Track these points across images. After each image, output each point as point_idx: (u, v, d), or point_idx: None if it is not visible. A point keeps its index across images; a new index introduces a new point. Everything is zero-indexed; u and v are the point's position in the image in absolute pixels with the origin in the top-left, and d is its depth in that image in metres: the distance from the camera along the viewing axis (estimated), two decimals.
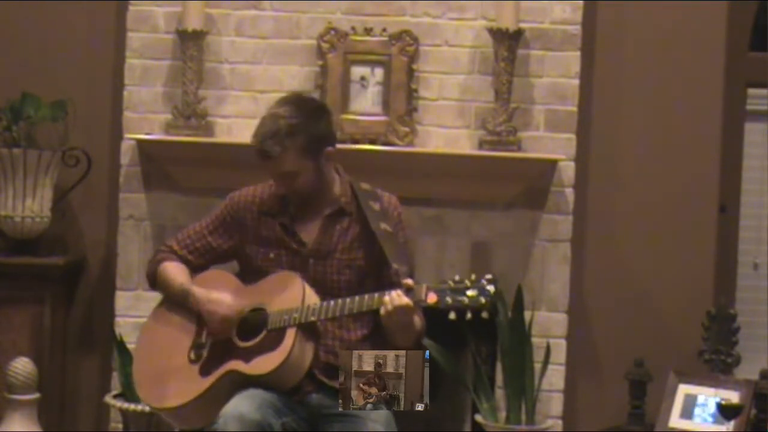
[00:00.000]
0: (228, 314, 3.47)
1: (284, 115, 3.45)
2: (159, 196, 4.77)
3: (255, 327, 3.45)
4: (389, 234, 3.49)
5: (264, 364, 3.37)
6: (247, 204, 3.60)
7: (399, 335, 3.38)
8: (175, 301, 3.60)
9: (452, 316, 3.28)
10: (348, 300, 3.38)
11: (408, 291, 3.31)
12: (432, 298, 3.29)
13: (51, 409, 4.78)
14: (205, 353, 3.50)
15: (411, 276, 3.43)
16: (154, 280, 3.66)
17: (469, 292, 3.27)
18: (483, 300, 3.26)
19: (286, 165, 3.45)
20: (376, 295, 3.35)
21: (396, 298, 3.30)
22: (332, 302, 3.40)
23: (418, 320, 3.44)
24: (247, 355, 3.41)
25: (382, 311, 3.32)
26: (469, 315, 3.28)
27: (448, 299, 3.28)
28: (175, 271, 3.61)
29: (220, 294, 3.50)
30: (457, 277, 3.31)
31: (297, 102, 3.55)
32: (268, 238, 3.55)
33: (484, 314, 3.29)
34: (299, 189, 3.49)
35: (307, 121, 3.46)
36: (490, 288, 3.27)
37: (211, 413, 3.36)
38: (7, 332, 4.74)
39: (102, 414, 4.86)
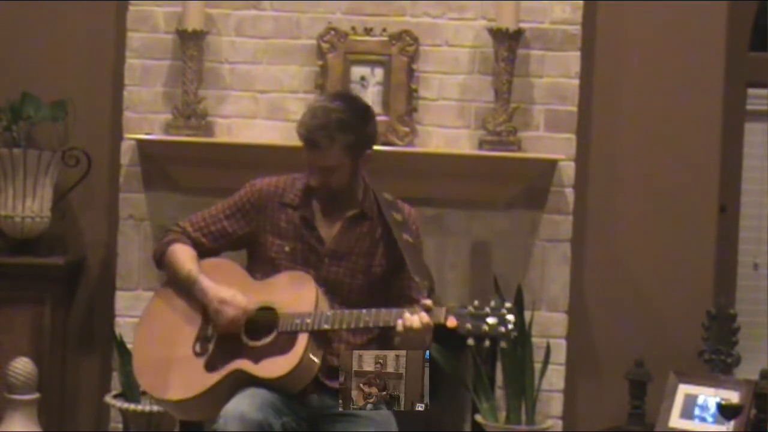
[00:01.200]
0: (237, 317, 3.42)
1: (337, 109, 3.43)
2: (159, 196, 4.77)
3: (263, 326, 3.40)
4: (412, 246, 3.47)
5: (274, 367, 3.34)
6: (270, 193, 3.56)
7: (408, 349, 3.35)
8: (181, 287, 3.54)
9: (470, 342, 3.27)
10: (364, 312, 3.35)
11: (427, 311, 3.30)
12: (452, 323, 3.27)
13: (51, 409, 4.78)
14: (211, 347, 3.45)
15: (432, 292, 3.42)
16: (161, 260, 3.60)
17: (490, 320, 3.26)
18: (503, 330, 3.25)
19: (330, 159, 3.42)
20: (394, 311, 3.33)
21: (416, 317, 3.28)
22: (347, 312, 3.36)
23: (427, 337, 3.42)
24: (256, 356, 3.37)
25: (399, 324, 3.29)
26: (487, 343, 3.27)
27: (468, 325, 3.26)
28: (184, 256, 3.54)
29: (232, 293, 3.44)
30: (476, 303, 3.30)
31: (349, 99, 3.55)
32: (287, 230, 3.52)
33: (504, 344, 3.30)
34: (333, 185, 3.47)
35: (357, 120, 3.46)
36: (510, 317, 3.26)
37: (213, 409, 3.34)
38: (7, 332, 4.74)
39: (102, 414, 4.86)
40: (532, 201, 4.77)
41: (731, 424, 4.42)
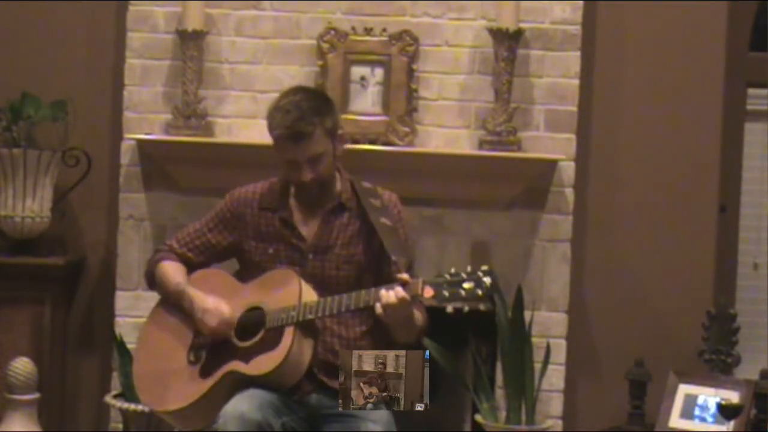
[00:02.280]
0: (220, 327, 3.46)
1: (304, 99, 3.49)
2: (159, 196, 4.77)
3: (253, 326, 3.44)
4: (389, 228, 3.49)
5: (263, 363, 3.37)
6: (248, 200, 3.60)
7: (399, 331, 3.38)
8: (171, 302, 3.60)
9: (450, 309, 3.27)
10: (345, 296, 3.38)
11: (404, 285, 3.30)
12: (429, 293, 3.27)
13: (51, 409, 4.78)
14: (204, 354, 3.50)
15: (410, 269, 3.44)
16: (152, 280, 3.67)
17: (466, 285, 3.25)
18: (480, 292, 3.24)
19: (317, 145, 3.45)
20: (373, 290, 3.35)
21: (392, 293, 3.30)
22: (329, 299, 3.39)
23: (418, 315, 3.44)
24: (247, 355, 3.41)
25: (378, 307, 3.31)
26: (466, 308, 3.26)
27: (445, 293, 3.26)
28: (171, 271, 3.61)
29: (216, 301, 3.48)
30: (453, 270, 3.29)
31: (306, 89, 3.64)
32: (268, 233, 3.56)
33: (482, 306, 3.28)
34: (323, 174, 3.49)
35: (325, 104, 3.52)
36: (487, 279, 3.24)
37: (212, 413, 3.37)
38: (7, 332, 4.74)
39: (102, 414, 4.86)
40: (532, 201, 4.77)
41: (731, 424, 4.42)
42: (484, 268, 3.28)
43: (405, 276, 3.33)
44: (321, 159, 3.47)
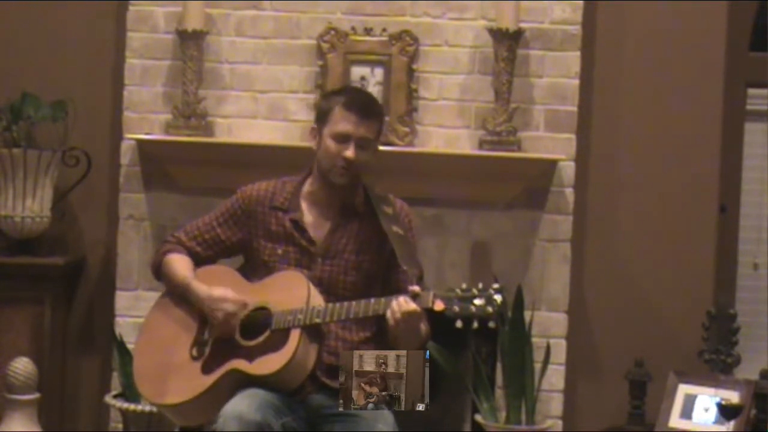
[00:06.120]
0: (232, 312, 3.44)
1: (373, 96, 3.73)
2: (159, 196, 4.77)
3: (258, 326, 3.43)
4: (401, 237, 3.48)
5: (267, 364, 3.36)
6: (259, 198, 3.59)
7: (404, 341, 3.36)
8: (177, 294, 3.58)
9: (459, 324, 3.27)
10: (354, 303, 3.37)
11: (415, 297, 3.30)
12: (439, 306, 3.28)
13: (51, 409, 4.78)
14: (207, 350, 3.48)
15: (420, 280, 3.43)
16: (158, 272, 3.65)
17: (477, 301, 3.26)
18: (490, 309, 3.26)
19: (373, 132, 3.51)
20: (383, 299, 3.34)
21: (403, 304, 3.29)
22: (338, 305, 3.38)
23: (423, 327, 3.43)
24: (250, 355, 3.40)
25: (389, 317, 3.30)
26: (475, 324, 3.27)
27: (456, 307, 3.27)
28: (179, 264, 3.59)
29: (224, 292, 3.47)
30: (464, 285, 3.30)
31: None
32: (277, 233, 3.54)
33: (492, 324, 3.29)
34: (361, 164, 3.48)
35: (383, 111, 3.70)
36: (498, 297, 3.26)
37: (212, 411, 3.36)
38: (7, 332, 4.74)
39: (102, 414, 4.86)
40: (532, 201, 4.77)
41: (731, 424, 4.42)
42: (496, 285, 3.30)
43: (416, 288, 3.32)
44: (368, 148, 3.49)
